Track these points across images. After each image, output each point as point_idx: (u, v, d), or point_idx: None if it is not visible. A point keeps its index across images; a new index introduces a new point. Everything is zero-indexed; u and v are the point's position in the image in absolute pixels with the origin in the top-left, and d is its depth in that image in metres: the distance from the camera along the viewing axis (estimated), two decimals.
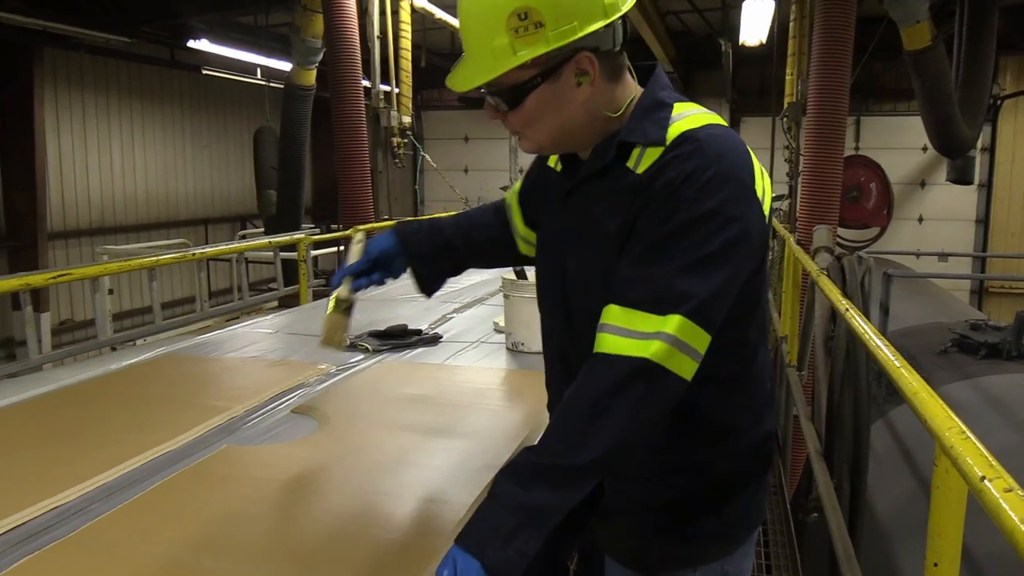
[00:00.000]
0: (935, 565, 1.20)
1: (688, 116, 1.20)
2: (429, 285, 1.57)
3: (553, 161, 1.38)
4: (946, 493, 1.16)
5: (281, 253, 6.00)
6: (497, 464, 1.54)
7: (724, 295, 1.14)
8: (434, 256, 1.54)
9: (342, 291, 1.50)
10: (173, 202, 13.58)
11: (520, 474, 1.08)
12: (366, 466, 1.59)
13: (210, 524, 1.34)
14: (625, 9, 1.17)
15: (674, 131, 1.18)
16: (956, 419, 1.16)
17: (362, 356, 2.51)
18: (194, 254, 3.73)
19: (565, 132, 1.22)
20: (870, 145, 13.94)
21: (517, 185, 1.56)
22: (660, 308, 1.10)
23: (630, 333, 1.10)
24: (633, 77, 1.25)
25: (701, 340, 1.11)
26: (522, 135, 1.25)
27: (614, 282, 1.15)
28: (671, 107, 1.21)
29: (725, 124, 1.24)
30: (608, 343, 1.11)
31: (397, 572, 1.18)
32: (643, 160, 1.18)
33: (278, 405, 1.97)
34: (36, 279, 2.89)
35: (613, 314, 1.12)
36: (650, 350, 1.08)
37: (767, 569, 3.29)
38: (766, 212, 1.20)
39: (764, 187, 1.20)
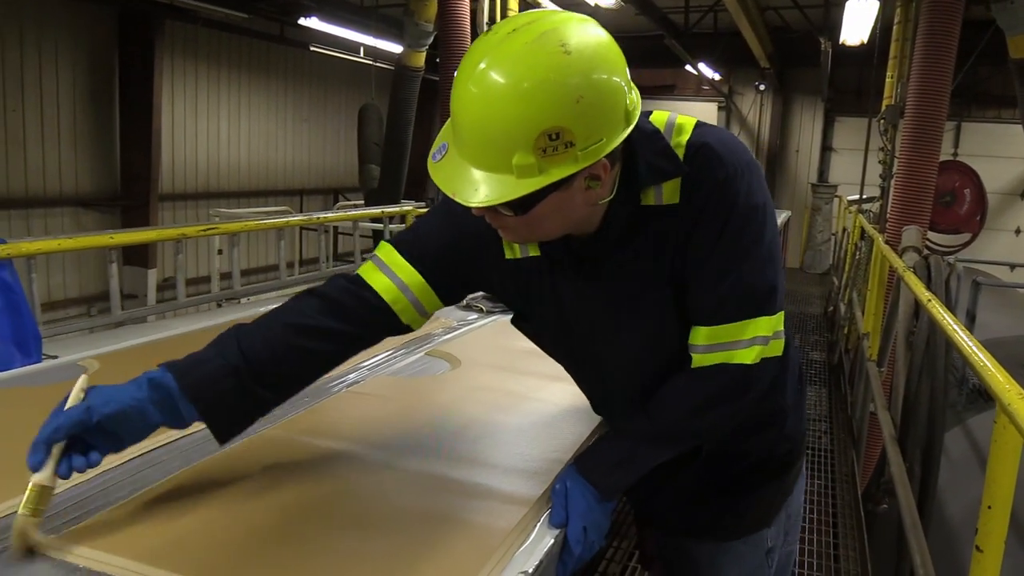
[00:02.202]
0: (989, 508, 1.41)
1: (675, 126, 1.23)
2: (229, 432, 1.28)
3: (513, 254, 1.32)
4: (1003, 447, 1.37)
5: (371, 224, 6.35)
6: None
7: (782, 269, 1.28)
8: (243, 400, 1.25)
9: (40, 478, 1.11)
10: (272, 172, 14.16)
11: (631, 427, 1.33)
12: (495, 399, 1.87)
13: (370, 430, 1.64)
14: (639, 113, 1.14)
15: (678, 148, 1.20)
16: (1014, 382, 1.37)
17: (476, 316, 2.80)
18: (320, 218, 4.10)
19: (564, 228, 1.20)
20: (969, 152, 13.60)
21: (396, 259, 1.35)
22: (750, 313, 1.23)
23: (729, 346, 1.24)
24: None
25: (781, 319, 1.28)
26: (510, 233, 1.21)
27: (695, 308, 1.25)
28: (659, 131, 1.21)
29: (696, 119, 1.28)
30: (709, 359, 1.25)
31: (526, 478, 1.43)
32: (664, 192, 1.21)
33: (414, 349, 2.27)
34: (191, 230, 3.28)
35: (705, 335, 1.25)
36: (751, 356, 1.24)
37: (835, 547, 3.47)
38: None
39: None
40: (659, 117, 1.24)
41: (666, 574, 1.62)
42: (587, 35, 1.07)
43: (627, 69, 1.12)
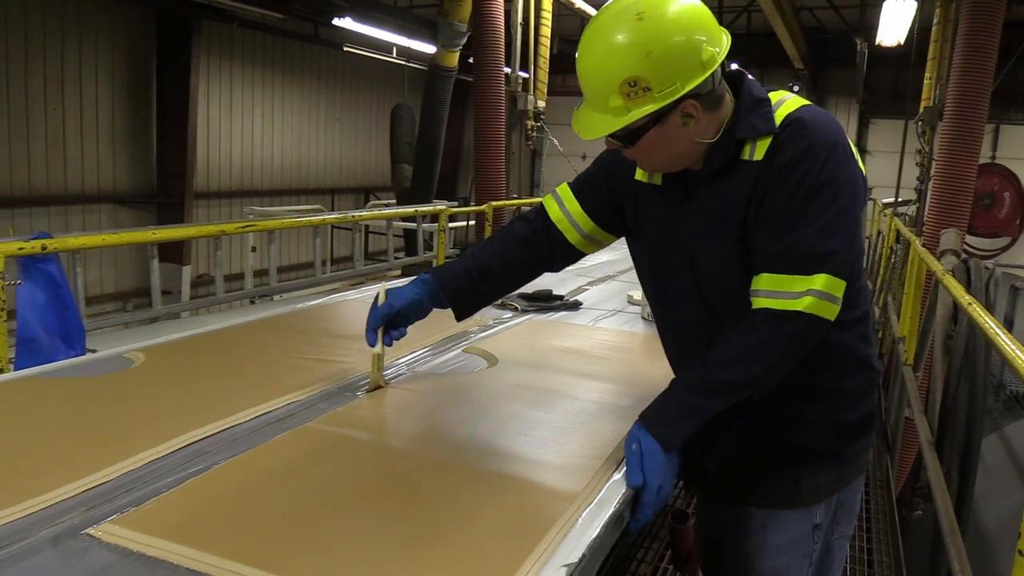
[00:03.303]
0: None
1: (785, 102, 1.46)
2: (466, 315, 1.82)
3: (642, 175, 1.61)
4: None
5: (403, 223, 6.37)
6: (644, 404, 1.80)
7: (853, 244, 1.42)
8: (474, 294, 1.78)
9: (377, 349, 1.79)
10: (304, 170, 14.29)
11: (688, 382, 1.44)
12: (533, 396, 1.88)
13: (410, 425, 1.67)
14: (720, 60, 1.39)
15: (779, 117, 1.43)
16: None
17: (511, 314, 2.81)
18: (355, 216, 4.14)
19: (676, 158, 1.48)
20: (1009, 154, 13.36)
21: (566, 192, 1.77)
22: (807, 270, 1.37)
23: (784, 295, 1.38)
24: (728, 90, 1.48)
25: (840, 287, 1.39)
26: (639, 161, 1.53)
27: (759, 255, 1.42)
28: (768, 100, 1.46)
29: (812, 103, 1.50)
30: (766, 303, 1.39)
31: (566, 473, 1.44)
32: (757, 149, 1.43)
33: (452, 346, 2.29)
34: (229, 227, 3.33)
35: (765, 281, 1.40)
36: (803, 304, 1.37)
37: (869, 553, 3.43)
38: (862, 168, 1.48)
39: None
40: (777, 94, 1.50)
41: (719, 544, 1.73)
42: (666, 4, 1.36)
43: (710, 28, 1.38)
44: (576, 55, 1.43)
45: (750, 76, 1.51)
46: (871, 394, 1.63)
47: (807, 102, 1.48)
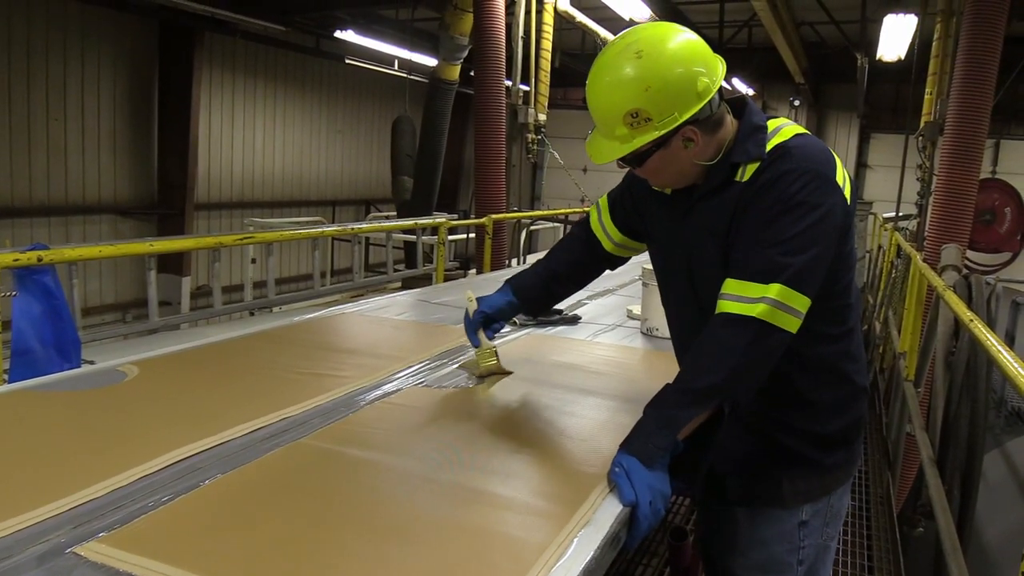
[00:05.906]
0: None
1: (780, 131, 1.58)
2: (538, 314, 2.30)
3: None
4: None
5: (403, 236, 6.33)
6: None
7: (815, 265, 1.48)
8: (547, 297, 2.07)
9: (485, 345, 2.05)
10: (306, 182, 14.29)
11: (659, 397, 1.49)
12: (529, 413, 1.87)
13: (404, 441, 1.65)
14: (715, 89, 1.52)
15: (770, 145, 1.55)
16: None
17: (509, 328, 2.79)
18: (354, 229, 4.13)
19: (680, 177, 1.62)
20: (1009, 169, 13.38)
21: (604, 202, 1.99)
22: (764, 279, 1.46)
23: (742, 299, 1.47)
24: (728, 111, 1.60)
25: (799, 301, 1.46)
26: (648, 179, 1.68)
27: (731, 263, 1.53)
28: (766, 128, 1.58)
29: (809, 133, 1.61)
30: (727, 306, 1.49)
31: (561, 492, 1.42)
32: (746, 172, 1.56)
33: (447, 361, 2.27)
34: (227, 239, 3.32)
35: (730, 285, 1.50)
36: (757, 310, 1.45)
37: (870, 571, 3.40)
38: (847, 197, 1.55)
39: (844, 178, 1.56)
40: (776, 122, 1.61)
41: (713, 536, 1.83)
42: (663, 41, 1.49)
43: (706, 60, 1.50)
44: (586, 87, 1.58)
45: (752, 103, 1.64)
46: (853, 408, 1.71)
47: (803, 131, 1.60)
